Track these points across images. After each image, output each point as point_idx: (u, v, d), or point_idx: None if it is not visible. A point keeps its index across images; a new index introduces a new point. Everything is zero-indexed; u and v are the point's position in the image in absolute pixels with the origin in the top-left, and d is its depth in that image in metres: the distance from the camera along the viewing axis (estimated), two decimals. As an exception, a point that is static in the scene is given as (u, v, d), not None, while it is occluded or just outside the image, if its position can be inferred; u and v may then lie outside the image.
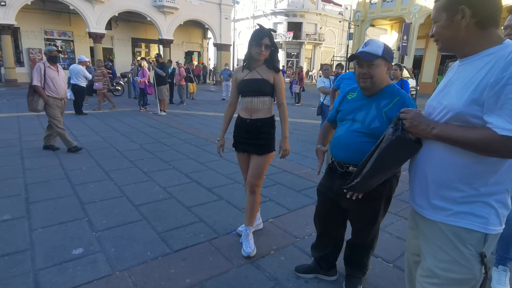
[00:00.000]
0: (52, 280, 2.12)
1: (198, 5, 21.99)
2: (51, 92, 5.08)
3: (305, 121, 9.48)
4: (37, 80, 4.94)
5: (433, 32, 1.25)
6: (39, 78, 4.96)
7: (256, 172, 2.52)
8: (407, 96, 1.72)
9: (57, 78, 5.14)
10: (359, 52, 1.72)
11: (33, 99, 5.00)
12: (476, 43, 1.13)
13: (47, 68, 5.06)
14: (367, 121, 1.73)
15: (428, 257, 1.24)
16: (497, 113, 1.01)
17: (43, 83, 5.00)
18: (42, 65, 5.06)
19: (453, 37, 1.17)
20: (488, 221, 1.12)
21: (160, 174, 4.33)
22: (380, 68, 1.71)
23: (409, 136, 1.22)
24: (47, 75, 5.03)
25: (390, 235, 2.85)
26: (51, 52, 5.19)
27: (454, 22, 1.15)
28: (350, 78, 3.62)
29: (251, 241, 2.54)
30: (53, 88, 5.09)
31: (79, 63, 9.24)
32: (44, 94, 5.00)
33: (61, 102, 5.26)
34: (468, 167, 1.12)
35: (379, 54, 1.69)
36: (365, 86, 1.76)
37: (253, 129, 2.50)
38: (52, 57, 5.17)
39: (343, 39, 34.61)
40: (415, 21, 19.57)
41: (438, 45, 1.26)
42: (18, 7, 16.13)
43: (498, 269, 2.20)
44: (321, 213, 2.09)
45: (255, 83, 2.46)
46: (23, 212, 3.08)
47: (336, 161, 1.87)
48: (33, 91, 5.00)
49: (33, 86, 4.95)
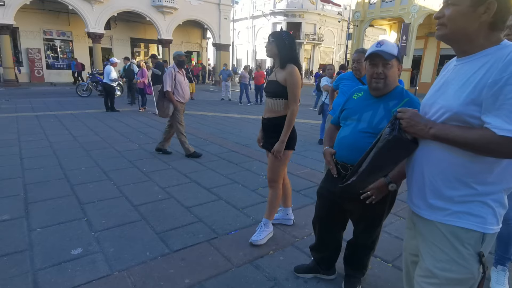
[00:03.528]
0: (51, 280, 2.12)
1: (197, 5, 22.00)
2: (178, 97, 5.05)
3: (304, 121, 9.49)
4: (169, 86, 4.92)
5: (445, 15, 1.14)
6: (171, 83, 4.93)
7: (269, 168, 2.63)
8: (416, 98, 1.69)
9: (183, 83, 5.11)
10: (379, 51, 1.63)
11: (164, 104, 4.96)
12: (480, 43, 1.11)
13: (176, 73, 5.01)
14: (375, 121, 1.69)
15: (426, 257, 1.24)
16: (495, 114, 1.01)
17: (173, 88, 4.97)
18: (173, 70, 5.00)
19: (465, 28, 1.11)
20: (485, 220, 1.13)
21: (159, 174, 4.33)
22: (394, 69, 1.68)
23: (406, 136, 1.22)
24: (176, 79, 5.00)
25: (389, 235, 2.86)
26: (180, 56, 5.15)
27: (475, 13, 1.08)
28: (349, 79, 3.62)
29: (263, 233, 2.64)
30: (181, 93, 5.07)
31: (111, 65, 9.86)
32: (174, 100, 4.96)
33: (184, 107, 5.24)
34: (465, 167, 1.12)
35: (395, 54, 1.65)
36: (378, 86, 1.69)
37: (266, 128, 2.61)
38: (180, 61, 5.12)
39: (342, 39, 34.65)
40: (414, 21, 19.58)
41: (441, 31, 1.17)
42: (17, 7, 16.10)
43: (497, 269, 2.20)
44: (321, 216, 2.07)
45: (270, 85, 2.54)
46: (22, 212, 3.08)
47: (340, 163, 1.82)
48: (163, 96, 4.97)
49: (165, 92, 4.92)
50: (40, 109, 9.82)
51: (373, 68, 1.68)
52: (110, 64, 9.96)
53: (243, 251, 2.54)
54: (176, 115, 5.08)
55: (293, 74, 2.41)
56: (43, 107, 10.25)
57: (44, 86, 17.93)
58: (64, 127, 7.25)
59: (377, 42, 1.70)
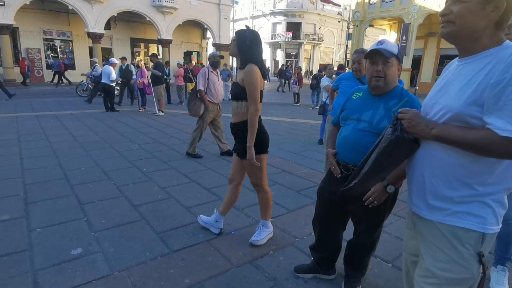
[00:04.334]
0: (51, 280, 2.12)
1: (197, 5, 22.00)
2: (211, 97, 5.05)
3: (304, 121, 9.49)
4: (202, 85, 4.93)
5: (452, 11, 1.13)
6: (203, 83, 4.95)
7: (249, 174, 2.58)
8: (415, 98, 1.70)
9: (217, 83, 5.12)
10: (380, 48, 1.65)
11: (195, 103, 4.97)
12: (484, 42, 1.11)
13: (210, 73, 5.03)
14: (375, 120, 1.70)
15: (426, 257, 1.24)
16: (497, 114, 1.01)
17: (205, 88, 4.98)
18: (206, 70, 5.03)
19: (472, 26, 1.10)
20: (485, 220, 1.13)
21: (159, 174, 4.33)
22: (394, 68, 1.69)
23: (408, 136, 1.22)
24: (210, 79, 5.01)
25: (389, 235, 2.86)
26: (215, 57, 5.19)
27: (483, 11, 1.07)
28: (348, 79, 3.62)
29: (263, 233, 2.66)
30: (214, 93, 5.07)
31: (110, 65, 9.91)
32: (206, 99, 4.97)
33: (216, 107, 5.23)
34: (466, 167, 1.12)
35: (395, 53, 1.66)
36: (377, 85, 1.70)
37: (233, 133, 2.55)
38: (215, 62, 5.16)
39: (342, 39, 34.64)
40: (414, 21, 19.57)
41: (448, 28, 1.15)
42: (16, 7, 16.10)
43: (496, 269, 2.20)
44: (321, 216, 2.07)
45: (233, 87, 2.47)
46: (22, 212, 3.08)
47: (342, 163, 1.82)
48: (195, 96, 4.99)
49: (197, 91, 4.95)
50: (40, 109, 9.82)
51: (373, 66, 1.70)
52: (109, 65, 9.97)
53: (243, 251, 2.54)
54: (205, 115, 5.07)
55: (250, 74, 2.28)
56: (43, 107, 10.25)
57: (43, 86, 17.91)
58: (64, 127, 7.25)
59: (378, 41, 1.72)
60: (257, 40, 2.37)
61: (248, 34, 2.35)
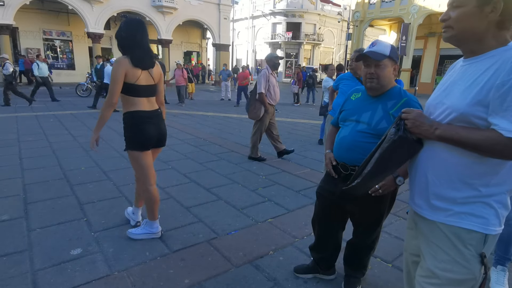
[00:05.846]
0: (50, 280, 2.12)
1: (197, 5, 22.00)
2: (270, 99, 5.01)
3: (304, 121, 9.49)
4: (263, 88, 4.88)
5: (450, 17, 1.14)
6: (265, 86, 4.90)
7: None
8: (414, 98, 1.71)
9: (276, 86, 5.07)
10: (368, 52, 1.69)
11: (255, 106, 4.93)
12: (489, 42, 1.11)
13: (269, 75, 4.98)
14: (374, 121, 1.70)
15: (428, 257, 1.24)
16: (502, 115, 1.01)
17: (266, 90, 4.94)
18: (267, 72, 4.97)
19: (472, 29, 1.10)
20: (488, 221, 1.12)
21: (159, 174, 4.30)
22: (387, 69, 1.70)
23: (411, 136, 1.22)
24: (270, 82, 4.96)
25: (389, 235, 2.85)
26: (276, 59, 5.13)
27: (482, 13, 1.08)
28: (348, 79, 3.63)
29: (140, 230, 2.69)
30: (273, 96, 5.04)
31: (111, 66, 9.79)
32: (266, 102, 4.93)
33: (273, 109, 5.21)
34: (469, 168, 1.12)
35: (386, 54, 1.68)
36: (372, 86, 1.72)
37: None
38: (275, 64, 5.09)
39: (342, 40, 34.64)
40: (414, 21, 19.60)
41: (448, 33, 1.17)
42: (16, 7, 16.10)
43: (496, 269, 2.20)
44: (321, 217, 2.07)
45: None
46: (21, 212, 3.07)
47: (340, 163, 1.83)
48: (255, 98, 4.94)
49: (258, 94, 4.89)
50: (39, 109, 9.82)
51: (366, 68, 1.73)
52: (110, 65, 9.96)
53: (243, 251, 2.54)
54: (264, 117, 5.03)
55: (112, 68, 2.35)
56: (42, 107, 10.25)
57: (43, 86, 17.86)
58: (64, 127, 7.24)
59: (371, 43, 1.75)
60: (134, 30, 2.34)
61: (123, 26, 2.36)
